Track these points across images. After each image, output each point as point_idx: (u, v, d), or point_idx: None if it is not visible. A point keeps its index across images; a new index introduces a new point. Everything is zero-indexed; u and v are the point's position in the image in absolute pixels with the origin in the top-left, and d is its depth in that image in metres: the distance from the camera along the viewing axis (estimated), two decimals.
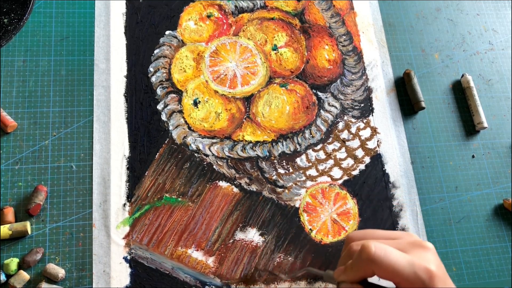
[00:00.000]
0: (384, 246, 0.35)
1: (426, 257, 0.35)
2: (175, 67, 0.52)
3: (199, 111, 0.51)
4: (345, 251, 0.39)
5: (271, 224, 0.48)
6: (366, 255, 0.34)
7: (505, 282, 0.50)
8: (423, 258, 0.34)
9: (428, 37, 0.60)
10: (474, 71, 0.59)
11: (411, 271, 0.33)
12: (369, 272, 0.35)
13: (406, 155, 0.53)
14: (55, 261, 0.43)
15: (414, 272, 0.33)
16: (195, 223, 0.47)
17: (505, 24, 0.63)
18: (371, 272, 0.35)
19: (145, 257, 0.45)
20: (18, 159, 0.46)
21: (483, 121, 0.55)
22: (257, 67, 0.54)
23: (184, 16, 0.55)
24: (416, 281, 0.33)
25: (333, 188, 0.51)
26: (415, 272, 0.33)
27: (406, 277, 0.33)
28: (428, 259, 0.35)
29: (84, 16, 0.52)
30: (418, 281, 0.33)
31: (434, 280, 0.33)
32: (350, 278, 0.37)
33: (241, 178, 0.49)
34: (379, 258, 0.34)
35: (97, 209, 0.46)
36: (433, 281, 0.33)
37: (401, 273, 0.33)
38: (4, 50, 0.49)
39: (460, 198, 0.53)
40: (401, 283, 0.34)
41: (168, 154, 0.49)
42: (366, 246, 0.35)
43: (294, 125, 0.52)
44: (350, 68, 0.56)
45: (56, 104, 0.48)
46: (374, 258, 0.34)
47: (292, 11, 0.57)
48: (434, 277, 0.33)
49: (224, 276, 0.46)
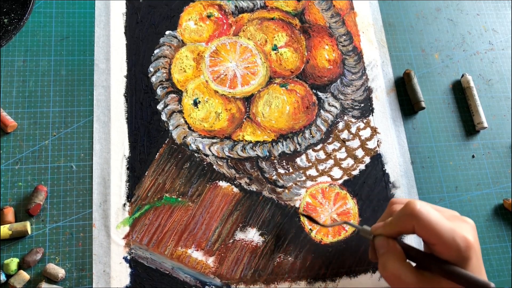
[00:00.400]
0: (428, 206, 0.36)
1: (467, 228, 0.36)
2: (175, 67, 0.52)
3: (199, 111, 0.51)
4: (386, 211, 0.41)
5: (271, 224, 0.48)
6: (411, 210, 0.35)
7: (505, 282, 0.50)
8: (463, 229, 0.35)
9: (428, 37, 0.60)
10: (474, 71, 0.59)
11: (450, 235, 0.34)
12: (409, 227, 0.36)
13: (406, 155, 0.53)
14: (55, 261, 0.43)
15: (453, 238, 0.34)
16: (195, 223, 0.47)
17: (505, 24, 0.63)
18: (411, 228, 0.35)
19: (145, 257, 0.45)
20: (18, 159, 0.46)
21: (483, 121, 0.55)
22: (257, 67, 0.54)
23: (184, 16, 0.55)
24: (453, 246, 0.34)
25: (333, 188, 0.51)
26: (453, 237, 0.34)
27: (445, 240, 0.34)
28: (468, 231, 0.35)
29: (84, 16, 0.52)
30: (455, 247, 0.34)
31: (470, 250, 0.34)
32: (388, 232, 0.37)
33: (241, 178, 0.49)
34: (422, 214, 0.35)
35: (97, 209, 0.46)
36: (469, 251, 0.34)
37: (441, 235, 0.34)
38: (4, 50, 0.49)
39: (460, 198, 0.53)
40: (437, 246, 0.35)
41: (168, 154, 0.49)
42: (412, 201, 0.36)
43: (294, 125, 0.52)
44: (350, 68, 0.56)
45: (56, 104, 0.48)
46: (419, 213, 0.35)
47: (292, 11, 0.57)
48: (470, 247, 0.34)
49: (224, 276, 0.46)
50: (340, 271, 0.47)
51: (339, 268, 0.48)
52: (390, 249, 0.37)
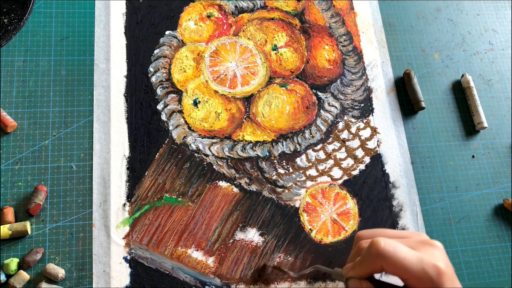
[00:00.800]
0: (393, 242, 0.35)
1: (435, 254, 0.35)
2: (175, 67, 0.52)
3: (199, 111, 0.51)
4: (354, 249, 0.40)
5: (271, 224, 0.48)
6: (375, 250, 0.35)
7: (505, 282, 0.50)
8: (432, 255, 0.35)
9: (428, 37, 0.60)
10: (474, 71, 0.59)
11: (419, 267, 0.33)
12: (378, 267, 0.35)
13: (406, 155, 0.53)
14: (55, 261, 0.43)
15: (423, 269, 0.33)
16: (195, 223, 0.47)
17: (505, 24, 0.63)
18: (380, 268, 0.35)
19: (145, 257, 0.45)
20: (18, 159, 0.46)
21: (483, 121, 0.55)
22: (257, 67, 0.54)
23: (184, 16, 0.55)
24: (424, 278, 0.33)
25: (333, 188, 0.51)
26: (423, 268, 0.33)
27: (415, 273, 0.33)
28: (437, 256, 0.35)
29: (84, 16, 0.52)
30: (426, 278, 0.33)
31: (442, 277, 0.33)
32: (358, 274, 0.37)
33: (241, 178, 0.49)
34: (388, 253, 0.34)
35: (97, 209, 0.46)
36: (441, 278, 0.33)
37: (410, 269, 0.33)
38: (4, 50, 0.49)
39: (460, 198, 0.53)
40: (409, 280, 0.34)
41: (168, 154, 0.49)
42: (375, 241, 0.35)
43: (294, 125, 0.52)
44: (350, 68, 0.56)
45: (56, 104, 0.48)
46: (383, 253, 0.34)
47: (292, 11, 0.57)
48: (442, 274, 0.33)
49: (224, 276, 0.46)
50: None
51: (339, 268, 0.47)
52: None
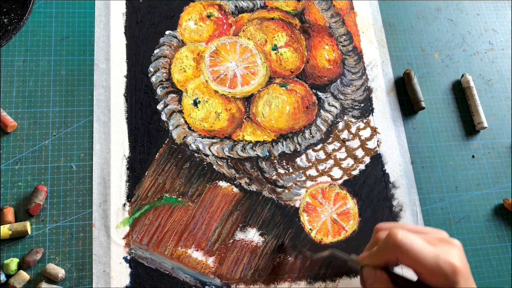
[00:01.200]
0: (410, 235, 0.35)
1: (452, 252, 0.35)
2: (175, 67, 0.52)
3: (199, 111, 0.51)
4: (372, 239, 0.40)
5: (271, 224, 0.48)
6: (392, 241, 0.35)
7: (505, 282, 0.50)
8: (448, 253, 0.35)
9: (428, 37, 0.60)
10: (474, 71, 0.59)
11: (434, 262, 0.33)
12: (393, 258, 0.35)
13: (406, 155, 0.53)
14: (55, 261, 0.43)
15: (438, 265, 0.33)
16: (195, 223, 0.47)
17: (505, 24, 0.63)
18: (395, 259, 0.35)
19: (145, 257, 0.45)
20: (18, 159, 0.46)
21: (483, 121, 0.55)
22: (257, 67, 0.54)
23: (184, 16, 0.55)
24: (438, 274, 0.33)
25: (333, 188, 0.51)
26: (438, 264, 0.33)
27: (429, 268, 0.33)
28: (454, 254, 0.35)
29: (84, 16, 0.52)
30: (441, 274, 0.33)
31: (457, 275, 0.33)
32: (374, 263, 0.37)
33: (241, 178, 0.49)
34: (404, 245, 0.34)
35: (97, 209, 0.46)
36: (456, 277, 0.33)
37: (425, 263, 0.33)
38: (4, 50, 0.49)
39: (460, 198, 0.53)
40: (423, 274, 0.34)
41: (168, 154, 0.49)
42: (393, 232, 0.35)
43: (294, 125, 0.52)
44: (350, 68, 0.56)
45: (56, 104, 0.48)
46: (400, 244, 0.34)
47: (292, 11, 0.57)
48: (457, 272, 0.33)
49: (224, 276, 0.46)
50: (340, 271, 0.47)
51: (339, 268, 0.48)
52: (377, 280, 0.37)
